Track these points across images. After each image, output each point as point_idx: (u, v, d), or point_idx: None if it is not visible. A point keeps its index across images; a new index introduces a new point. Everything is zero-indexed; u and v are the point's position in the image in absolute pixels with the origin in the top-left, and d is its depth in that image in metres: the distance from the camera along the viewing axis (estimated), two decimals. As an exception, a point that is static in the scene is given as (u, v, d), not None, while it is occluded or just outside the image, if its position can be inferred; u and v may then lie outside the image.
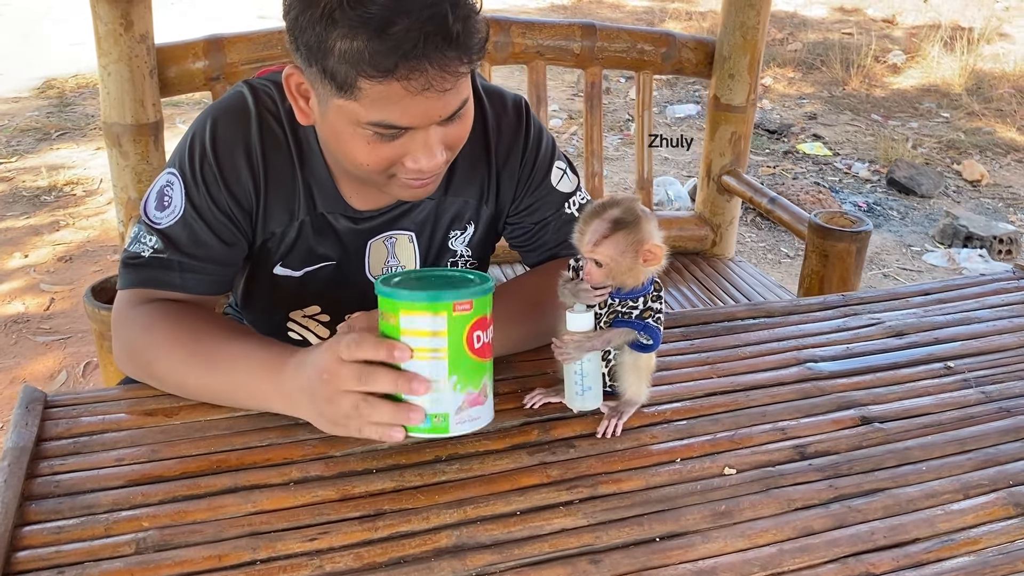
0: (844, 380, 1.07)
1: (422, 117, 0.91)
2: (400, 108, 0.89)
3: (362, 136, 0.92)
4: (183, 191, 1.03)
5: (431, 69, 0.86)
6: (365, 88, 0.88)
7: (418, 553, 0.78)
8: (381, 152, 0.94)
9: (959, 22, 7.06)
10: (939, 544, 0.81)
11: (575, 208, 1.20)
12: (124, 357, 1.02)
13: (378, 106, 0.89)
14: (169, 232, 1.03)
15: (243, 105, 1.06)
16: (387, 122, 0.90)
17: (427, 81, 0.87)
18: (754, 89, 2.09)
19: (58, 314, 2.93)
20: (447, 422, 0.86)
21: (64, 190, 3.90)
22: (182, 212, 1.03)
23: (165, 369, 0.98)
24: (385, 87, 0.87)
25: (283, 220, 1.09)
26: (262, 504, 0.83)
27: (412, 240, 1.16)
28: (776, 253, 3.69)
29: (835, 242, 1.68)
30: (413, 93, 0.87)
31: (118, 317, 1.04)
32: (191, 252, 1.04)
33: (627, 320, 0.91)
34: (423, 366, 0.85)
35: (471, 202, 1.17)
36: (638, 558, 0.78)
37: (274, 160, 1.06)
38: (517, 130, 1.16)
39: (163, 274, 1.03)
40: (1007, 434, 0.98)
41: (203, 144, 1.04)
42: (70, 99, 5.17)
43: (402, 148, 0.94)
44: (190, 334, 0.98)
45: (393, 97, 0.88)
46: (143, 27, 1.65)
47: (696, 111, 5.44)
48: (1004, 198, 4.34)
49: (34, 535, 0.78)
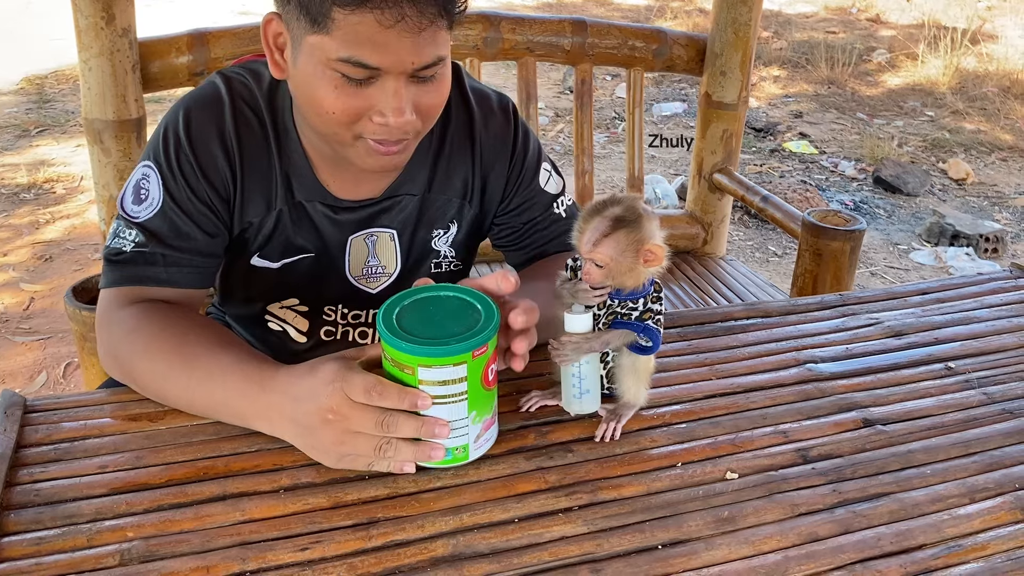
0: (844, 381, 1.05)
1: (393, 59, 0.89)
2: (371, 44, 0.87)
3: (331, 79, 0.90)
4: (160, 183, 1.01)
5: (404, 4, 0.86)
6: (338, 19, 0.87)
7: (414, 563, 0.75)
8: (349, 100, 0.92)
9: (942, 21, 7.09)
10: (947, 550, 0.80)
11: (562, 208, 1.20)
12: (108, 360, 0.99)
13: (349, 40, 0.87)
14: (149, 225, 1.01)
15: (216, 95, 1.04)
16: (356, 58, 0.88)
17: (400, 14, 0.86)
18: (746, 86, 2.07)
19: (38, 313, 2.88)
20: (467, 452, 0.86)
21: (44, 188, 3.84)
22: (160, 204, 1.01)
23: (147, 378, 0.95)
24: (358, 17, 0.86)
25: (260, 209, 1.07)
26: (251, 512, 0.80)
27: (394, 239, 1.14)
28: (764, 252, 3.68)
29: (829, 241, 1.66)
30: (385, 26, 0.86)
31: (102, 319, 1.01)
32: (174, 244, 1.01)
33: (626, 322, 0.89)
34: (443, 411, 0.83)
35: (455, 200, 1.15)
36: (640, 567, 0.76)
37: (250, 148, 1.04)
38: (506, 131, 1.15)
39: (147, 269, 1.01)
40: (1010, 436, 0.96)
41: (177, 134, 1.01)
42: (50, 95, 5.10)
43: (370, 99, 0.92)
44: (173, 342, 0.94)
45: (364, 31, 0.87)
46: (125, 21, 1.62)
47: (682, 109, 5.44)
48: (989, 196, 4.35)
49: (13, 546, 0.75)
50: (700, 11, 7.69)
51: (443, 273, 1.19)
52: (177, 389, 0.92)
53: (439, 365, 0.81)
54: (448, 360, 0.81)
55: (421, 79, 0.93)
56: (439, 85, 0.96)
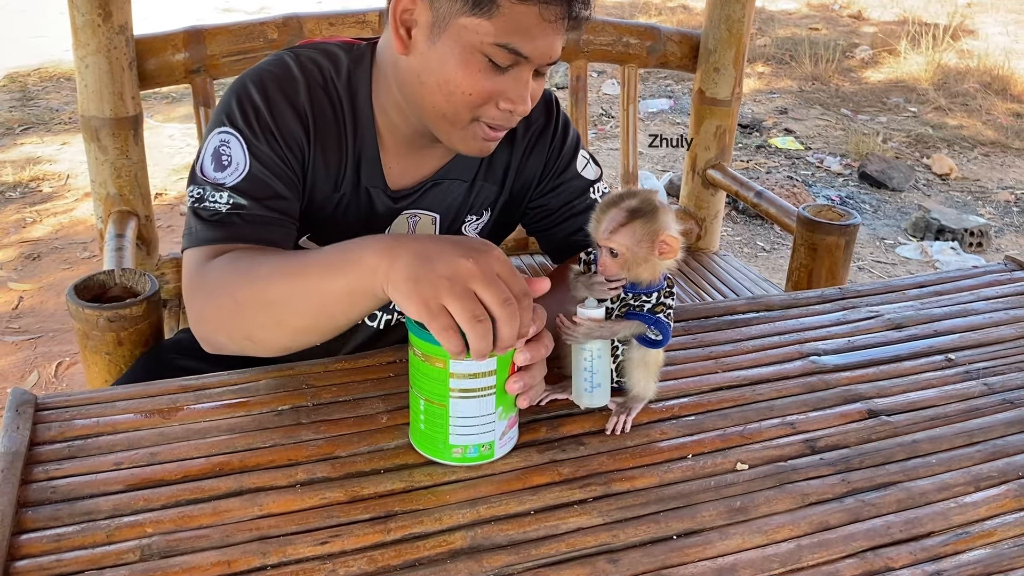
0: (848, 373, 1.06)
1: (542, 51, 0.95)
2: (530, 35, 0.93)
3: (477, 63, 0.95)
4: (244, 146, 1.00)
5: (565, 2, 0.93)
6: (504, 6, 0.91)
7: (433, 555, 0.76)
8: (486, 83, 0.96)
9: (923, 18, 7.15)
10: (955, 537, 0.81)
11: (598, 195, 1.21)
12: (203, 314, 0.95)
13: (510, 28, 0.92)
14: (240, 188, 0.99)
15: (290, 72, 1.04)
16: (512, 45, 0.93)
17: (563, 11, 0.93)
18: (739, 83, 2.08)
19: (27, 312, 2.86)
20: (492, 449, 0.87)
21: (30, 186, 3.81)
22: (248, 167, 0.99)
23: (245, 291, 0.90)
24: (525, 8, 0.92)
25: (327, 189, 1.08)
26: (269, 507, 0.81)
27: (435, 222, 1.15)
28: (753, 247, 3.71)
29: (824, 235, 1.68)
30: (547, 21, 0.93)
31: (194, 274, 0.97)
32: (268, 204, 1.00)
33: (638, 313, 0.90)
34: (472, 405, 0.84)
35: (494, 188, 1.17)
36: (657, 556, 0.77)
37: (323, 128, 1.05)
38: (548, 117, 1.18)
39: (246, 228, 0.98)
40: (1012, 426, 0.98)
41: (253, 101, 1.01)
42: (33, 92, 5.06)
43: (503, 85, 0.97)
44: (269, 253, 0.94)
45: (527, 21, 0.92)
46: (122, 18, 1.61)
47: (668, 106, 5.46)
48: (973, 191, 4.40)
49: (33, 543, 0.75)
50: (683, 7, 7.71)
51: None
52: (281, 287, 0.87)
53: (469, 358, 0.81)
54: None
55: (540, 73, 0.99)
56: (543, 80, 1.03)
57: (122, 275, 1.29)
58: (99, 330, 1.21)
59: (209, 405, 0.95)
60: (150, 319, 1.23)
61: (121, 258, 1.54)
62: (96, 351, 1.24)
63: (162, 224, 3.25)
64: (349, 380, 1.00)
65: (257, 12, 7.07)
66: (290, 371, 1.01)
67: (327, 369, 1.02)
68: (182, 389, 0.97)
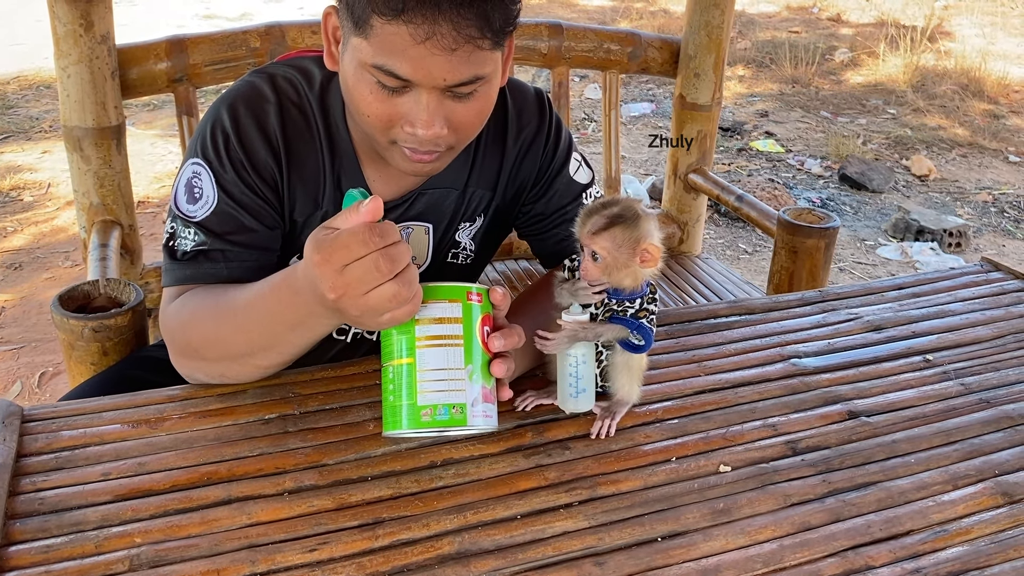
0: (828, 375, 1.08)
1: (423, 73, 0.88)
2: (402, 56, 0.87)
3: (368, 82, 0.92)
4: (212, 179, 1.01)
5: (441, 22, 0.85)
6: (376, 26, 0.87)
7: (421, 560, 0.77)
8: (382, 106, 0.93)
9: (901, 20, 7.22)
10: (933, 535, 0.83)
11: (591, 200, 1.20)
12: (175, 353, 1.02)
13: (384, 48, 0.88)
14: (207, 223, 1.01)
15: (260, 93, 1.04)
16: (387, 67, 0.89)
17: (432, 30, 0.85)
18: (719, 88, 2.10)
19: (9, 322, 2.84)
20: (464, 413, 0.85)
21: (10, 195, 3.78)
22: (216, 201, 1.01)
23: (200, 338, 0.97)
24: (393, 28, 0.86)
25: (307, 208, 1.08)
26: (257, 516, 0.81)
27: (428, 232, 1.15)
28: (735, 249, 3.73)
29: (804, 238, 1.70)
30: (417, 41, 0.86)
31: (164, 317, 1.03)
32: (233, 240, 1.02)
33: (621, 317, 0.91)
34: (439, 353, 0.84)
35: (487, 194, 1.17)
36: (642, 559, 0.78)
37: (297, 147, 1.05)
38: (540, 119, 1.17)
39: (209, 267, 1.01)
40: (989, 424, 1.00)
41: (224, 130, 1.02)
42: (13, 101, 5.02)
43: (402, 107, 0.92)
44: (215, 297, 0.97)
45: (398, 42, 0.87)
46: (104, 27, 1.61)
47: (650, 109, 5.48)
48: (951, 192, 4.45)
49: (22, 555, 0.75)
50: (664, 12, 7.76)
51: (457, 264, 1.19)
52: (237, 341, 0.95)
53: (434, 300, 0.82)
54: (443, 294, 0.83)
55: (456, 95, 0.92)
56: (477, 102, 0.95)
57: (106, 285, 1.29)
58: (84, 340, 1.21)
59: (196, 414, 0.95)
60: (135, 329, 1.24)
61: (105, 268, 1.54)
62: (81, 361, 1.24)
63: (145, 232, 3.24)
64: (335, 388, 1.01)
65: (238, 18, 7.05)
66: (276, 380, 1.01)
67: (313, 377, 1.03)
68: (169, 399, 0.98)
